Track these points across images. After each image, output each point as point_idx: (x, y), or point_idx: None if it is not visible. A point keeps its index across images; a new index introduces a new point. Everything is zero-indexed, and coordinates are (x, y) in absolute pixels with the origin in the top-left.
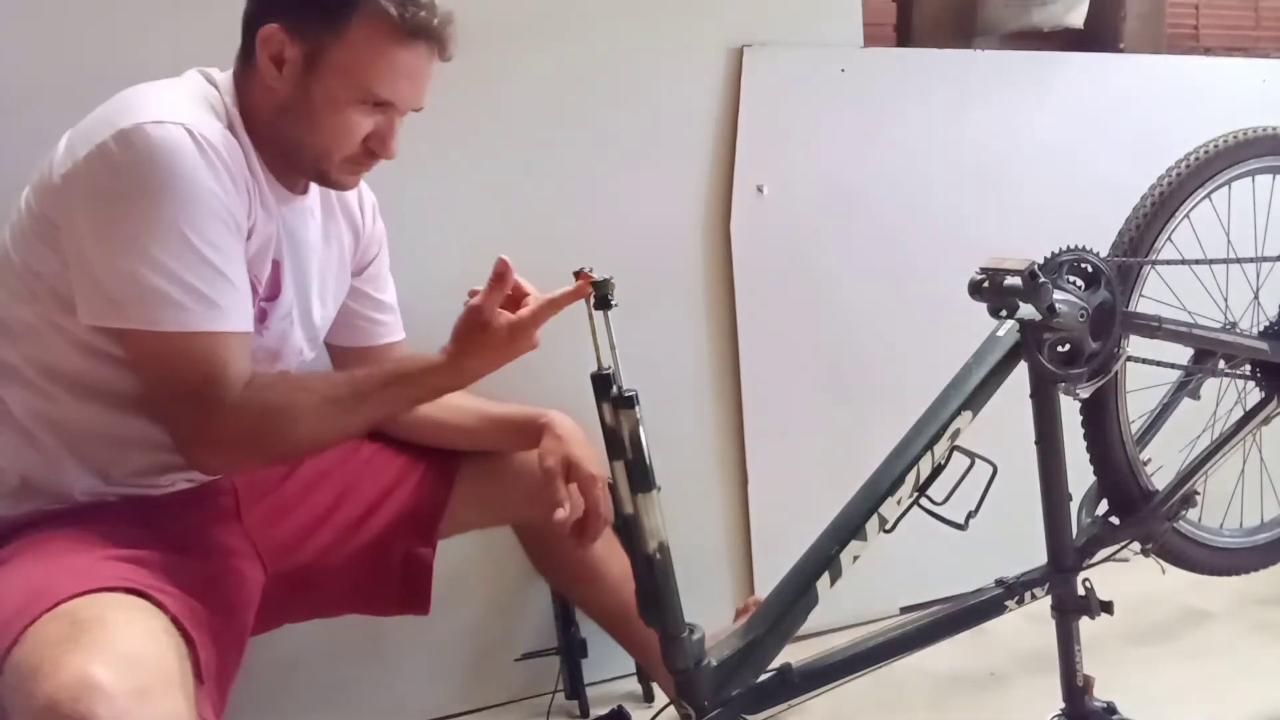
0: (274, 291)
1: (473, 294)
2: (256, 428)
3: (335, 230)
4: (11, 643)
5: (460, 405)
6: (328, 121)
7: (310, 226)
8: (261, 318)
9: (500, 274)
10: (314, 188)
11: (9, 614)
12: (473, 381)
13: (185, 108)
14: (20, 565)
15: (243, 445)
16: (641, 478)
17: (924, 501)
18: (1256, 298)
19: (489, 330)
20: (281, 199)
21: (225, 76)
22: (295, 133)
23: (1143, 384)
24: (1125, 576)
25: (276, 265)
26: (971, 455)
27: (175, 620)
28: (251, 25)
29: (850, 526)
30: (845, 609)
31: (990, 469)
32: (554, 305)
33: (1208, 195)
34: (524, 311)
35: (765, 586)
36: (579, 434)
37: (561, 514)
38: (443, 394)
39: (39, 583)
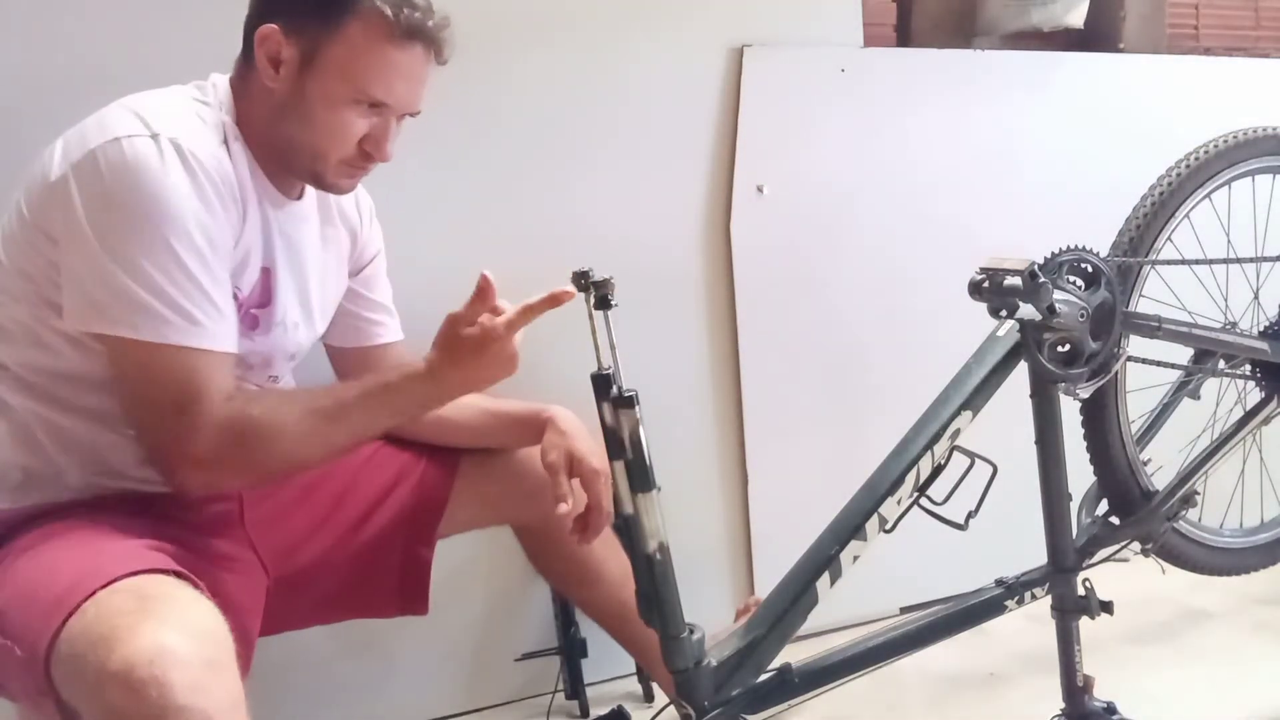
0: (265, 299)
1: None
2: (239, 444)
3: (333, 234)
4: (68, 615)
5: (464, 402)
6: (323, 121)
7: (307, 231)
8: (253, 324)
9: (482, 289)
10: (311, 192)
11: (60, 590)
12: (455, 397)
13: (177, 120)
14: (53, 550)
15: (225, 463)
16: (641, 478)
17: (924, 501)
18: (1256, 298)
19: (464, 336)
20: (277, 204)
21: (224, 82)
22: (291, 133)
23: (1143, 384)
24: (1125, 576)
25: (266, 272)
26: (971, 455)
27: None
28: (251, 27)
29: (850, 526)
30: (845, 609)
31: (990, 469)
32: (530, 311)
33: (1208, 195)
34: (500, 318)
35: (765, 586)
36: (582, 429)
37: (564, 508)
38: (426, 408)
39: (86, 563)
